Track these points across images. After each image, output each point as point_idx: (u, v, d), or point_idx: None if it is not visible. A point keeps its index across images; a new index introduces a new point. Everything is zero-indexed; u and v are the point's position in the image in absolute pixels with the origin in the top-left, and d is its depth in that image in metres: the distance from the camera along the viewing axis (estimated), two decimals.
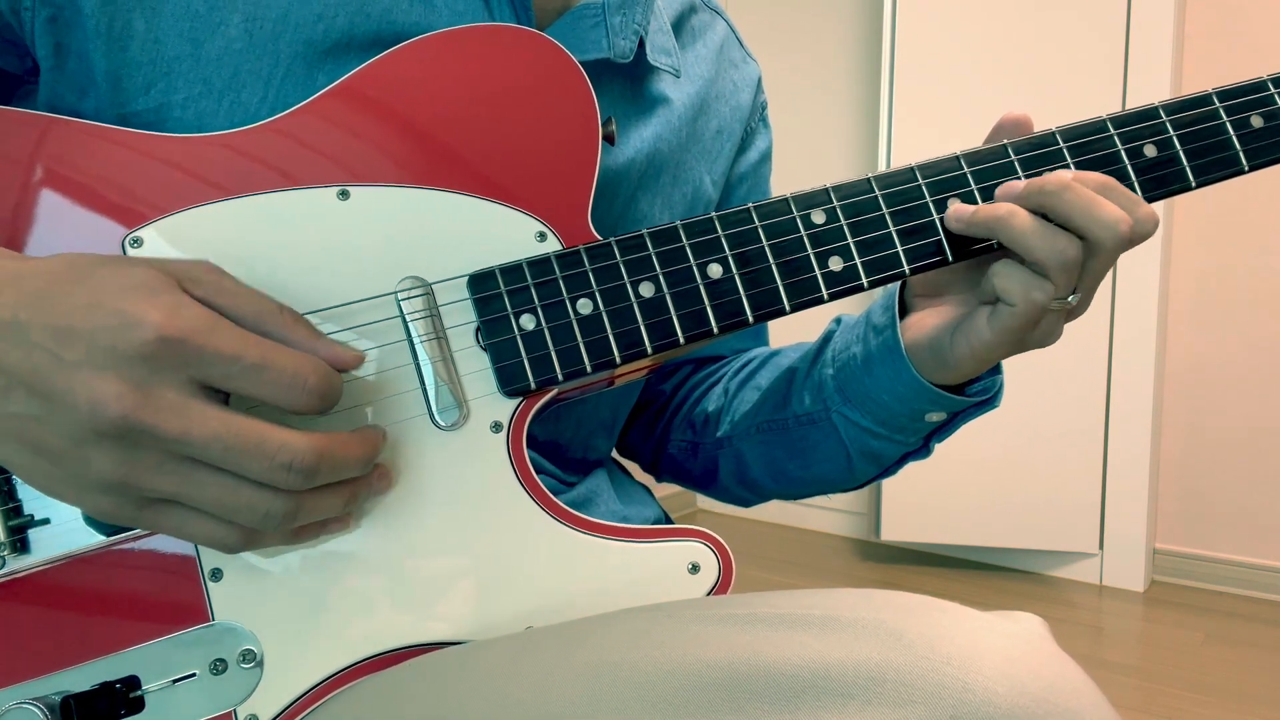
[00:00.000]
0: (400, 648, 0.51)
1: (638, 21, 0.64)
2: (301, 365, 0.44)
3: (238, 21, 0.55)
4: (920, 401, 0.63)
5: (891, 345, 0.63)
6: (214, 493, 0.43)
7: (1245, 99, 0.60)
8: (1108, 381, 2.44)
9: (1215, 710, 1.91)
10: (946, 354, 0.60)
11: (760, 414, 0.74)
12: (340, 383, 0.46)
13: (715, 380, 0.81)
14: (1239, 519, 2.47)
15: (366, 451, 0.47)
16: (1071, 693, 0.39)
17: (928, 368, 0.62)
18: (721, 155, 0.75)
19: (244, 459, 0.42)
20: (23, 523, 0.48)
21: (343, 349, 0.48)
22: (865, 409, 0.66)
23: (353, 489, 0.48)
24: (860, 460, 0.70)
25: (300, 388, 0.44)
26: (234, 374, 0.43)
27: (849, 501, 2.93)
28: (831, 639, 0.40)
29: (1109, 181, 0.56)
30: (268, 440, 0.42)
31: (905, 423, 0.65)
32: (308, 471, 0.43)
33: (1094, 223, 0.53)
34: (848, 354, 0.67)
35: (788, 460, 0.73)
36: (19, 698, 0.46)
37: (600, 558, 0.53)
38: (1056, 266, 0.54)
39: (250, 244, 0.51)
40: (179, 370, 0.42)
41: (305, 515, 0.46)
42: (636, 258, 0.55)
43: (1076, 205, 0.54)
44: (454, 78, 0.55)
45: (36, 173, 0.51)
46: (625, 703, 0.41)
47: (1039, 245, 0.54)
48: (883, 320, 0.64)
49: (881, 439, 0.67)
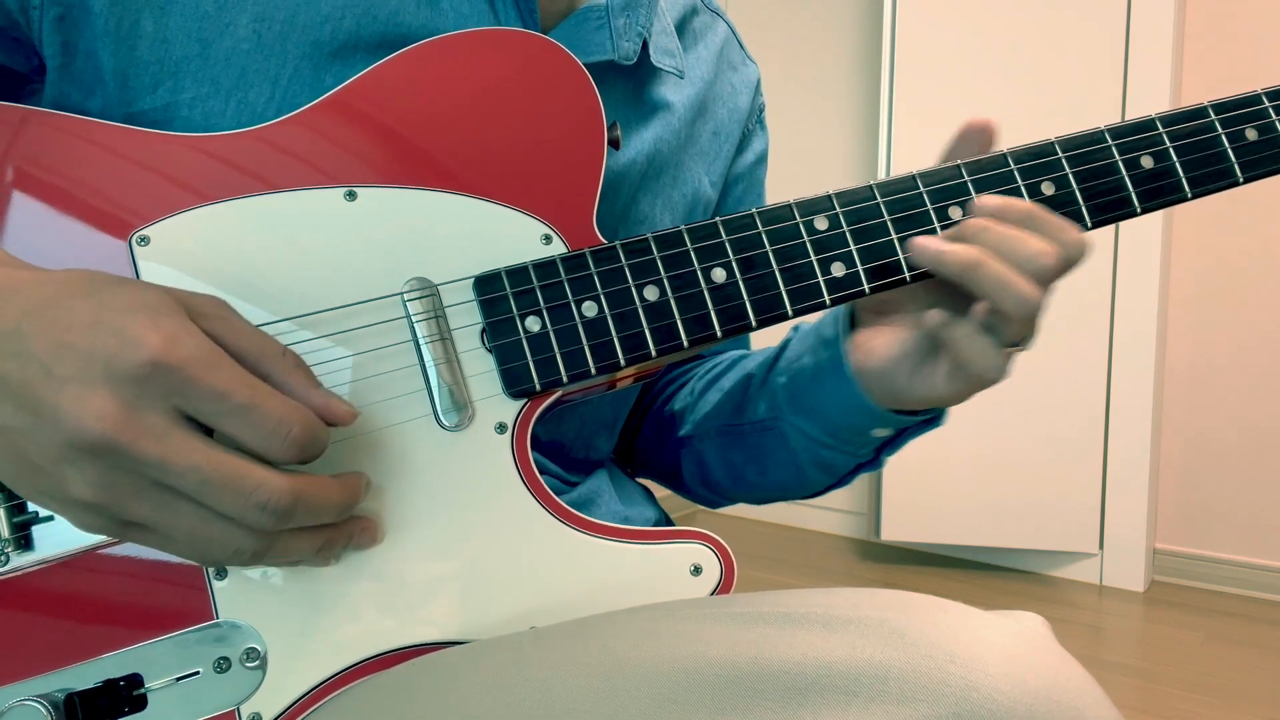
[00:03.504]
0: (403, 647, 0.51)
1: (642, 23, 0.64)
2: (288, 414, 0.43)
3: (246, 22, 0.55)
4: (865, 418, 0.63)
5: (838, 362, 0.63)
6: (187, 523, 0.43)
7: (1240, 112, 0.60)
8: (1108, 381, 2.44)
9: (1215, 710, 1.91)
10: (900, 391, 0.60)
11: (719, 417, 0.74)
12: (326, 436, 0.45)
13: (685, 380, 0.81)
14: (1239, 519, 2.47)
15: (345, 498, 0.47)
16: (1074, 691, 0.39)
17: (876, 393, 0.62)
18: (719, 156, 0.75)
19: (219, 494, 0.42)
20: (26, 519, 0.49)
21: (337, 402, 0.47)
22: (814, 420, 0.66)
23: (328, 536, 0.48)
24: (812, 469, 0.70)
25: (282, 436, 0.43)
26: (221, 411, 0.42)
27: (849, 501, 2.93)
28: (835, 638, 0.40)
29: (1034, 209, 0.55)
30: (246, 478, 0.42)
31: (853, 435, 0.65)
32: (282, 513, 0.43)
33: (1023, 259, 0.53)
34: (799, 364, 0.67)
35: (745, 465, 0.73)
36: (22, 695, 0.47)
37: (603, 559, 0.53)
38: (1021, 318, 0.53)
39: (257, 243, 0.52)
40: (167, 397, 0.41)
41: (275, 556, 0.45)
42: (641, 261, 0.55)
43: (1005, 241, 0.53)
44: (460, 81, 0.55)
45: (45, 170, 0.51)
46: (628, 701, 0.41)
47: (1008, 297, 0.52)
48: (831, 334, 0.64)
49: (831, 449, 0.67)
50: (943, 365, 0.58)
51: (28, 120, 0.52)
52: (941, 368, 0.58)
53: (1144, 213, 0.59)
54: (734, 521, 3.09)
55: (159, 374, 0.41)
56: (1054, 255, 0.53)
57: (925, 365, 0.59)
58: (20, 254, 0.49)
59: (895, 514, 2.64)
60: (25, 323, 0.42)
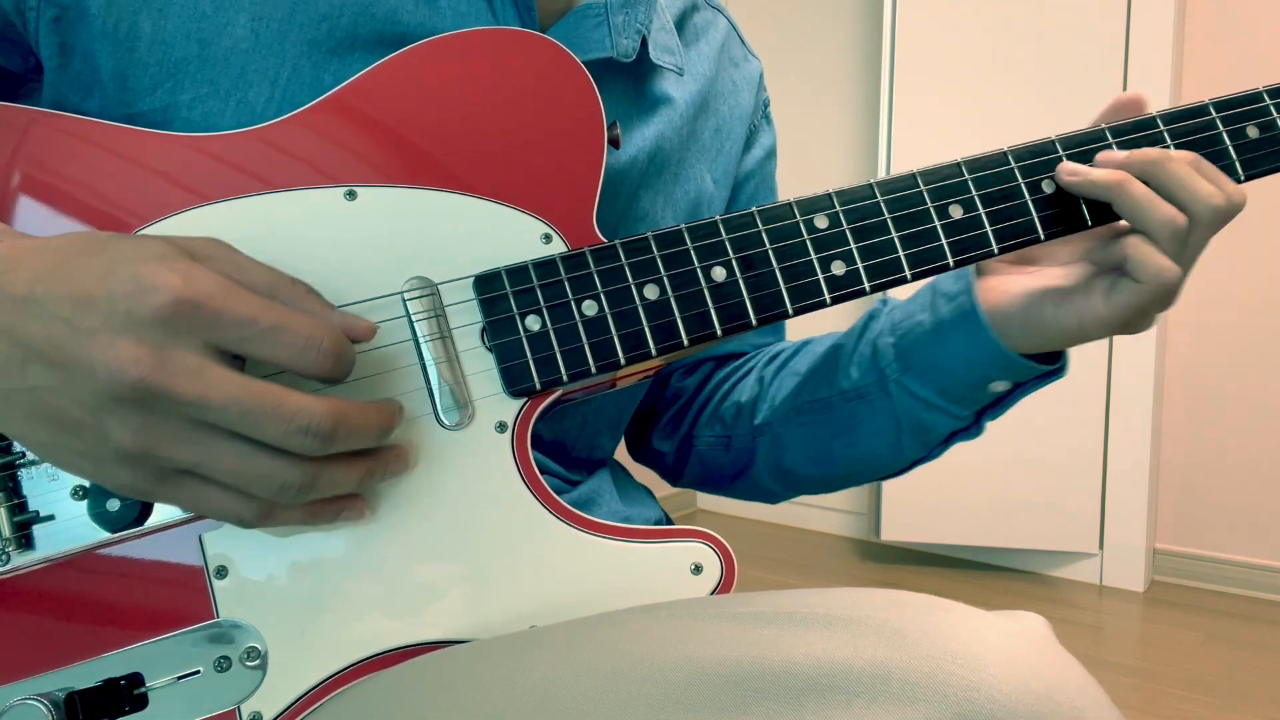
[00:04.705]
0: (404, 646, 0.51)
1: (640, 20, 0.64)
2: (316, 329, 0.44)
3: (244, 22, 0.55)
4: (992, 368, 0.63)
5: (967, 310, 0.62)
6: (230, 461, 0.43)
7: (1241, 109, 0.61)
8: (1108, 381, 2.44)
9: (1215, 710, 1.91)
10: (1046, 323, 0.60)
11: (802, 395, 0.73)
12: (353, 351, 0.46)
13: (745, 372, 0.80)
14: (1239, 519, 2.47)
15: (383, 420, 0.47)
16: (1075, 691, 0.39)
17: (1011, 334, 0.62)
18: (722, 153, 0.75)
19: (261, 421, 0.42)
20: (27, 519, 0.49)
21: (354, 319, 0.48)
22: (926, 377, 0.66)
23: (368, 464, 0.48)
24: (909, 436, 0.69)
25: (316, 349, 0.44)
26: (250, 337, 0.43)
27: (849, 501, 2.93)
28: (836, 638, 0.40)
29: (1200, 159, 0.57)
30: (285, 403, 0.42)
31: (966, 392, 0.65)
32: (324, 435, 0.43)
33: (1193, 196, 0.55)
34: (911, 321, 0.67)
35: (832, 439, 0.72)
36: (23, 694, 0.47)
37: (603, 558, 0.53)
38: (1167, 236, 0.55)
39: (257, 243, 0.51)
40: (196, 334, 0.42)
41: (321, 487, 0.46)
42: (641, 260, 0.55)
43: (1177, 177, 0.55)
44: (460, 80, 0.55)
45: (45, 170, 0.51)
46: (629, 701, 0.41)
47: (1153, 213, 0.55)
48: (955, 287, 0.64)
49: (937, 410, 0.66)
50: (1100, 283, 0.58)
51: (28, 121, 0.52)
52: (1099, 285, 0.58)
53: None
54: (734, 521, 3.09)
55: (183, 312, 0.41)
56: (1223, 197, 0.56)
57: (1077, 292, 0.59)
58: None
59: (895, 514, 2.64)
60: (38, 286, 0.42)
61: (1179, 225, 0.55)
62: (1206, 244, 0.58)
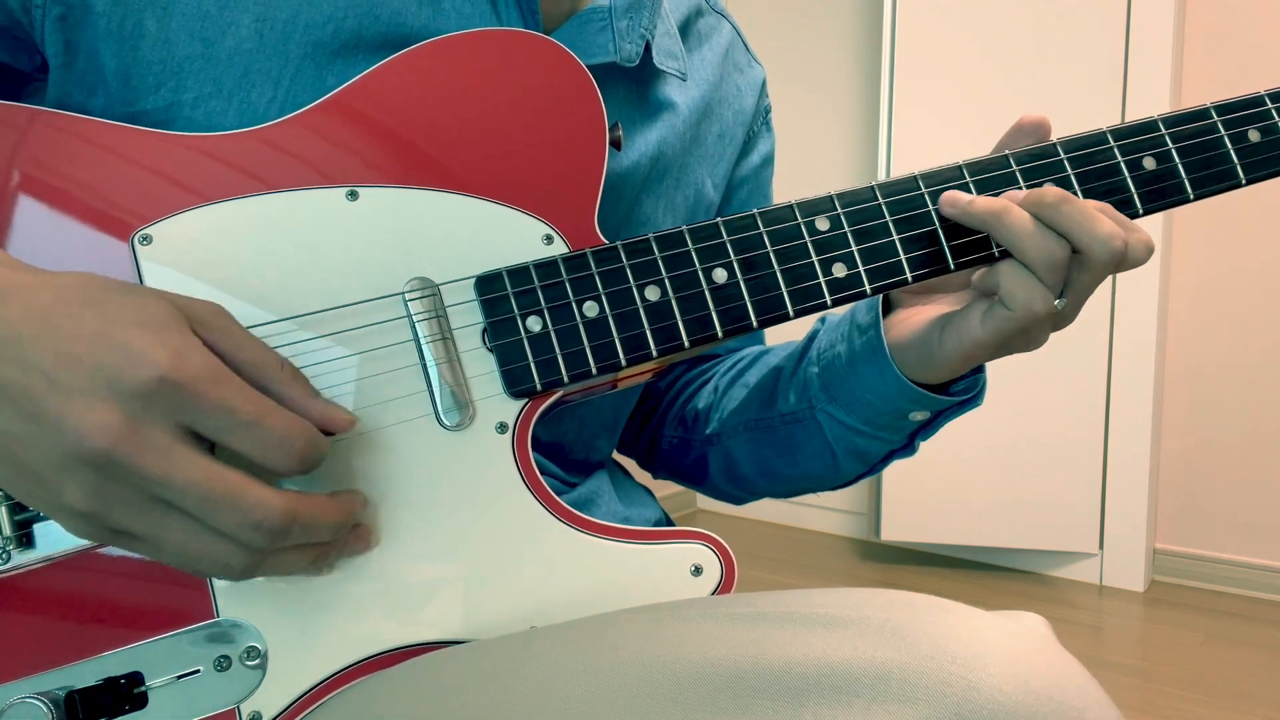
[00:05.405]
0: (403, 646, 0.51)
1: (644, 25, 0.64)
2: (291, 429, 0.44)
3: (248, 22, 0.55)
4: (903, 401, 0.63)
5: (875, 345, 0.63)
6: (178, 539, 0.43)
7: (1243, 113, 0.61)
8: (1108, 382, 2.44)
9: (1215, 710, 1.91)
10: (934, 351, 0.60)
11: (747, 412, 0.74)
12: (326, 446, 0.46)
13: (707, 378, 0.81)
14: (1239, 519, 2.47)
15: (340, 518, 0.47)
16: (1075, 691, 0.39)
17: (912, 366, 0.62)
18: (723, 159, 0.75)
19: (217, 510, 0.42)
20: (28, 518, 0.49)
21: (335, 410, 0.48)
22: (850, 408, 0.66)
23: (320, 551, 0.48)
24: (846, 458, 0.70)
25: (286, 450, 0.44)
26: (225, 427, 0.43)
27: (849, 501, 2.93)
28: (836, 637, 0.41)
29: (1106, 205, 0.56)
30: (244, 496, 0.42)
31: (889, 421, 0.66)
32: (276, 533, 0.43)
33: (1089, 235, 0.54)
34: (832, 353, 0.67)
35: (776, 458, 0.73)
36: (23, 692, 0.47)
37: (603, 559, 0.53)
38: (1044, 266, 0.54)
39: (259, 243, 0.52)
40: (172, 414, 0.42)
41: (265, 571, 0.46)
42: (642, 261, 0.55)
43: (1073, 217, 0.54)
44: (463, 81, 0.55)
45: (48, 169, 0.51)
46: (629, 700, 0.41)
47: (1030, 243, 0.54)
48: (867, 319, 0.65)
49: (866, 437, 0.67)
50: (979, 306, 0.58)
51: (30, 120, 0.52)
52: (978, 308, 0.58)
53: (1146, 214, 0.59)
54: (734, 521, 3.09)
55: (165, 391, 0.41)
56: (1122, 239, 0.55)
57: (958, 316, 0.59)
58: (22, 253, 0.50)
59: (895, 514, 2.64)
60: (25, 329, 0.41)
61: (1058, 257, 0.54)
62: (1100, 283, 0.57)
